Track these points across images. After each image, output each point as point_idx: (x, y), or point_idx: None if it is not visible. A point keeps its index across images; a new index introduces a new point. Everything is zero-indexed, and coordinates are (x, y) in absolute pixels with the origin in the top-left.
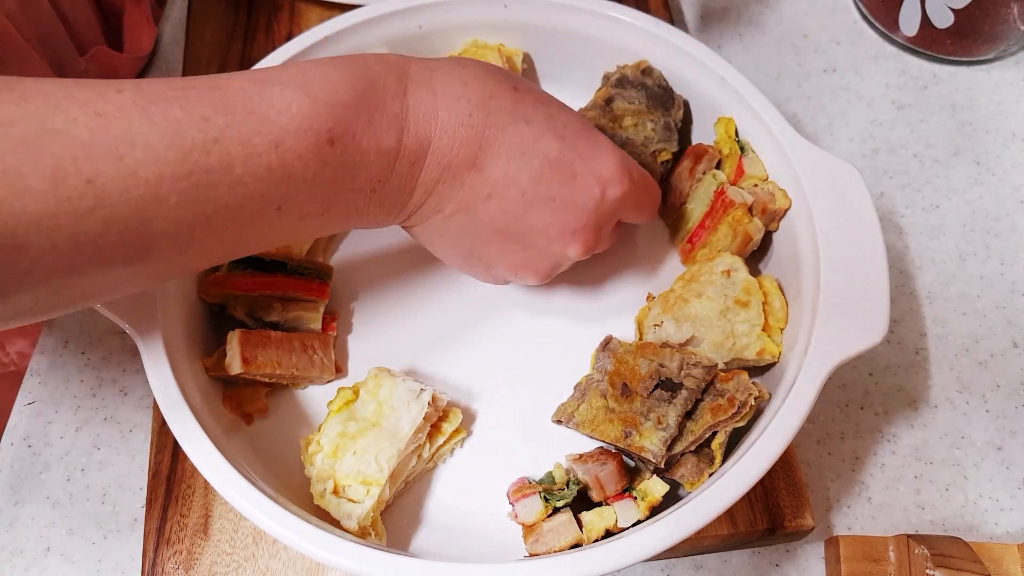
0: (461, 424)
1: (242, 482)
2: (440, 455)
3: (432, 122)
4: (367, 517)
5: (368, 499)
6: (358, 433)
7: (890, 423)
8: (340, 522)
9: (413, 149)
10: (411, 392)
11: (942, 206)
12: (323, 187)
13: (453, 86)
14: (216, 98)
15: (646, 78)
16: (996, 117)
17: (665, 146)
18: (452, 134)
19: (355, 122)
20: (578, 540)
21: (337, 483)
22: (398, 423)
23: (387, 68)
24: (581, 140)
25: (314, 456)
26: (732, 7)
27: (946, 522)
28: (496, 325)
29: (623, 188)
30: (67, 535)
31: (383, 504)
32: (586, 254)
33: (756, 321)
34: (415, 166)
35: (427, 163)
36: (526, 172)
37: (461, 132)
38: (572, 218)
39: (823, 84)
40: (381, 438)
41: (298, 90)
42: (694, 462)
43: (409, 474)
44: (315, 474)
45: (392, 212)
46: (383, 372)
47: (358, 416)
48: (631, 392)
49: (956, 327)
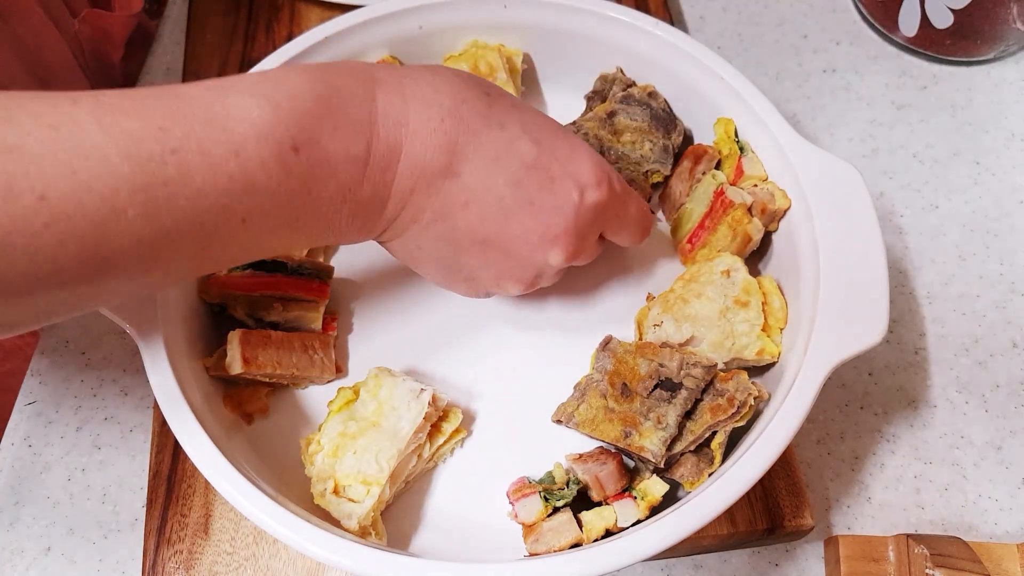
0: (461, 424)
1: (243, 482)
2: (440, 455)
3: (403, 127)
4: (367, 517)
5: (368, 499)
6: (358, 433)
7: (890, 423)
8: (340, 522)
9: (384, 155)
10: (411, 392)
11: (942, 206)
12: (289, 197)
13: (424, 92)
14: (174, 107)
15: (652, 100)
16: (996, 117)
17: (659, 168)
18: (424, 140)
19: (320, 128)
20: (578, 540)
21: (337, 483)
22: (398, 423)
23: (354, 74)
24: (558, 144)
25: (314, 456)
26: (732, 7)
27: (946, 522)
28: (496, 325)
29: (602, 193)
30: (67, 535)
31: (383, 504)
32: (568, 261)
33: (756, 321)
34: (387, 173)
35: (399, 170)
36: (503, 177)
37: (434, 138)
38: (552, 222)
39: (823, 84)
40: (381, 438)
41: (259, 97)
42: (694, 462)
43: (409, 474)
44: (315, 474)
45: (367, 225)
46: (383, 372)
47: (358, 416)
48: (631, 392)
49: (956, 327)
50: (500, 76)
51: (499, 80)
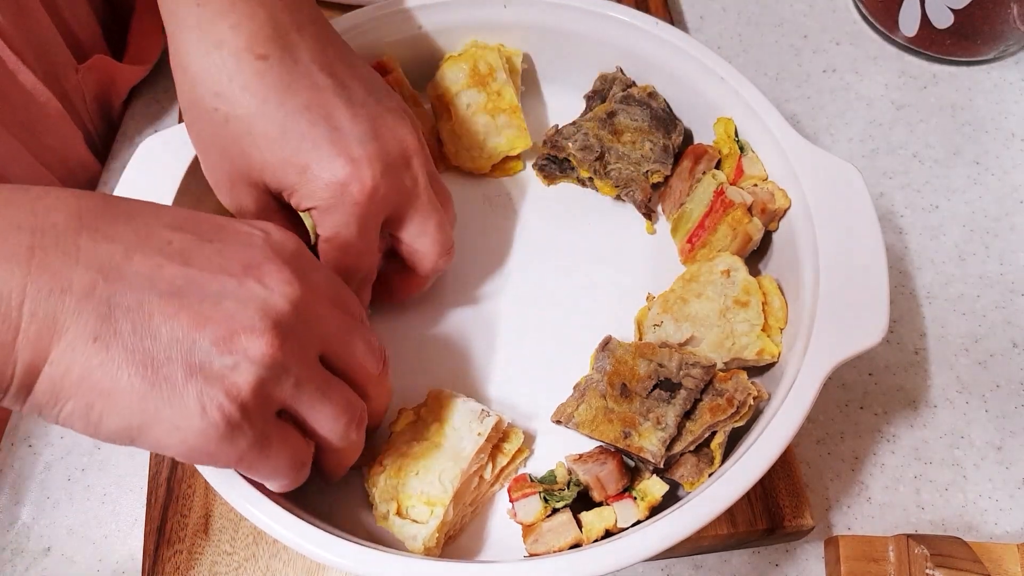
0: (523, 443)
1: (242, 482)
2: (506, 475)
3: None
4: (431, 538)
5: (433, 519)
6: (421, 454)
7: (890, 423)
8: (404, 543)
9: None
10: (472, 413)
11: (942, 206)
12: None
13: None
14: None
15: (651, 100)
16: (996, 117)
17: (659, 168)
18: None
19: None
20: (578, 540)
21: (400, 504)
22: (460, 443)
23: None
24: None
25: (377, 477)
26: (732, 7)
27: (946, 522)
28: (495, 326)
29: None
30: (67, 535)
31: (447, 526)
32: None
33: (756, 321)
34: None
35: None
36: (157, 223)
37: (41, 201)
38: (249, 250)
39: (823, 84)
40: (444, 458)
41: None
42: (693, 462)
43: (473, 497)
44: (377, 495)
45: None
46: (443, 393)
47: (420, 437)
48: (630, 392)
49: (955, 327)
50: (500, 76)
51: (499, 80)
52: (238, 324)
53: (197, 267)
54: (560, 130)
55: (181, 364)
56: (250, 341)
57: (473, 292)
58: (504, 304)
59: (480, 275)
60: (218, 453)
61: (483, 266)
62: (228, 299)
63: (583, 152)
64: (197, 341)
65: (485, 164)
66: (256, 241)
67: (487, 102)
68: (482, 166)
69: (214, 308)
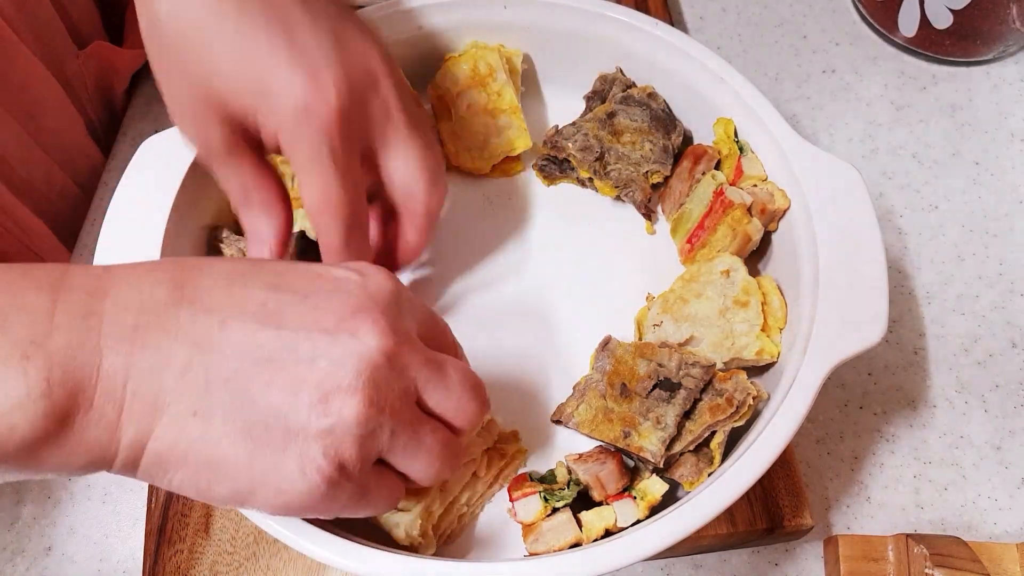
0: (523, 443)
1: None
2: (505, 476)
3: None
4: (414, 525)
5: (416, 507)
6: None
7: (889, 423)
8: (391, 532)
9: (76, 306)
10: None
11: (941, 206)
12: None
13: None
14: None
15: (651, 100)
16: (995, 117)
17: (659, 168)
18: (138, 281)
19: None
20: (578, 540)
21: None
22: None
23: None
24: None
25: None
26: (732, 8)
27: (945, 522)
28: (494, 326)
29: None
30: (68, 535)
31: (434, 516)
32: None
33: (755, 321)
34: (91, 319)
35: (106, 311)
36: (254, 283)
37: (150, 275)
38: (342, 300)
39: (822, 85)
40: None
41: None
42: (693, 462)
43: (468, 495)
44: None
45: (100, 434)
46: None
47: None
48: (630, 392)
49: (955, 327)
50: (500, 76)
51: (499, 80)
52: (332, 385)
53: (291, 328)
54: (560, 130)
55: (280, 430)
56: (344, 401)
57: (473, 292)
58: (504, 304)
59: (480, 275)
60: (321, 508)
61: (483, 266)
62: (321, 358)
63: (583, 152)
64: (293, 406)
65: (485, 164)
66: (351, 288)
67: (487, 102)
68: (482, 166)
69: (308, 370)
